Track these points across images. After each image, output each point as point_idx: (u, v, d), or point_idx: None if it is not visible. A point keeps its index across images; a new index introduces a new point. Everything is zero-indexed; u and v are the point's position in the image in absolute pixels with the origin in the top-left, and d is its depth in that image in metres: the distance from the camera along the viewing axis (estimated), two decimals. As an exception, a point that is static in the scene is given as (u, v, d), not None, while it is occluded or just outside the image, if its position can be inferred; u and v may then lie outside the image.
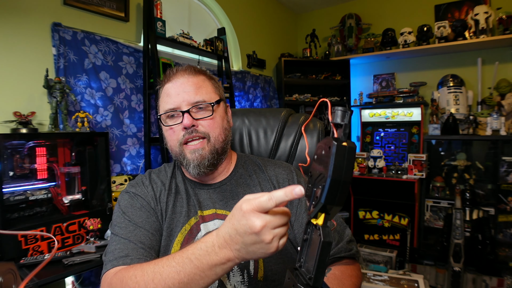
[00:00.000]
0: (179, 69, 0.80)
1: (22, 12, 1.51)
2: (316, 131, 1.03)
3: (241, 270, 0.72)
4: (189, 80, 0.78)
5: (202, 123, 0.76)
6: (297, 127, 1.05)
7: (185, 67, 0.81)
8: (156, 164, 2.16)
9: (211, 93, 0.80)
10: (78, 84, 1.71)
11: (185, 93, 0.76)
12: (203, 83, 0.80)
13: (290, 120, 1.08)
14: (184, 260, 0.52)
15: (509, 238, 2.45)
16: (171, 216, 0.77)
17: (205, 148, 0.76)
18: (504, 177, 2.50)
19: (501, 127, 2.49)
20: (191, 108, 0.75)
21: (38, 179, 1.40)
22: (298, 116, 1.10)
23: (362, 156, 2.98)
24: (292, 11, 3.87)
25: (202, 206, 0.79)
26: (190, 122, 0.74)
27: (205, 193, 0.82)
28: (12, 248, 1.23)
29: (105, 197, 1.62)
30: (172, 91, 0.77)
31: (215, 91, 0.81)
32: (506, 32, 2.56)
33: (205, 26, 2.74)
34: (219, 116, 0.79)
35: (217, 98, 0.80)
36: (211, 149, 0.76)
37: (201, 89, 0.78)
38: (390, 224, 2.77)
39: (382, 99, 3.22)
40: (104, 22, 1.86)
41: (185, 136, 0.75)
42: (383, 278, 2.09)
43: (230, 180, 0.83)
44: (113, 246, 0.70)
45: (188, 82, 0.78)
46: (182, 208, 0.79)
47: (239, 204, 0.48)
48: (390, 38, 3.08)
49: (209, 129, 0.77)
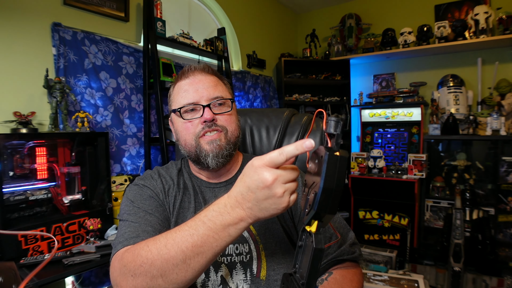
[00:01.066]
0: (196, 67, 0.83)
1: (22, 12, 1.51)
2: (319, 131, 1.03)
3: (244, 268, 0.73)
4: (206, 77, 0.81)
5: (220, 117, 0.78)
6: (299, 128, 1.05)
7: (202, 65, 0.84)
8: (156, 164, 2.16)
9: (226, 91, 0.83)
10: (78, 84, 1.71)
11: (204, 89, 0.78)
12: (219, 82, 0.83)
13: (293, 120, 1.08)
14: (197, 223, 0.53)
15: (509, 238, 2.45)
16: (179, 211, 0.79)
17: (222, 139, 0.77)
18: (504, 177, 2.50)
19: (501, 127, 2.49)
20: (211, 103, 0.78)
21: (38, 179, 1.40)
22: (301, 116, 1.09)
23: (362, 156, 2.98)
24: (292, 11, 3.87)
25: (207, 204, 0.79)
26: (211, 116, 0.76)
27: (211, 192, 0.83)
28: (12, 248, 1.23)
29: (105, 197, 1.62)
30: (190, 87, 0.79)
31: (229, 91, 0.85)
32: (506, 32, 2.56)
33: (205, 26, 2.74)
34: (235, 112, 0.83)
35: (231, 96, 0.84)
36: (227, 141, 0.78)
37: (218, 86, 0.81)
38: (390, 224, 2.77)
39: (382, 99, 3.22)
40: (104, 22, 1.86)
41: (204, 129, 0.77)
42: (383, 278, 2.09)
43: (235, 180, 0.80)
44: (122, 230, 0.69)
45: (206, 79, 0.81)
46: (190, 204, 0.80)
47: (250, 162, 0.49)
48: (390, 38, 3.08)
49: (227, 123, 0.79)
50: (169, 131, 2.05)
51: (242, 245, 0.75)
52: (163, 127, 1.95)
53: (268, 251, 0.74)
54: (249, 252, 0.74)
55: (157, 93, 1.92)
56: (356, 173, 2.96)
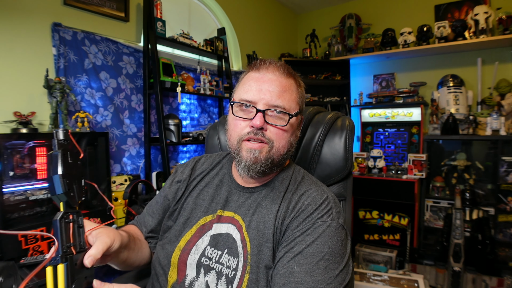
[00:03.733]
0: (272, 63, 0.74)
1: (22, 12, 1.51)
2: (344, 130, 0.93)
3: (226, 283, 0.68)
4: (278, 79, 0.72)
5: (271, 129, 0.71)
6: (322, 126, 0.94)
7: (280, 63, 0.74)
8: (156, 164, 2.16)
9: (293, 101, 0.73)
10: (78, 84, 1.72)
11: (268, 91, 0.70)
12: (290, 89, 0.73)
13: (316, 119, 0.98)
14: None
15: (509, 238, 2.45)
16: (192, 206, 0.80)
17: (263, 152, 0.70)
18: (504, 177, 2.50)
19: (501, 127, 2.50)
20: (267, 109, 0.70)
21: (38, 179, 1.40)
22: (326, 114, 0.98)
23: (362, 156, 2.98)
24: (292, 11, 3.87)
25: (227, 206, 0.77)
26: (261, 123, 0.69)
27: (236, 194, 0.78)
28: (12, 248, 1.23)
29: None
30: (255, 84, 0.72)
31: (298, 101, 0.75)
32: (506, 32, 2.56)
33: (205, 26, 2.74)
34: (291, 128, 0.73)
35: (297, 109, 0.74)
36: (268, 157, 0.71)
37: (285, 94, 0.72)
38: (390, 224, 2.77)
39: (382, 99, 3.22)
40: (104, 22, 1.86)
41: (249, 135, 0.70)
42: (383, 278, 2.09)
43: (262, 189, 0.77)
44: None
45: (276, 81, 0.72)
46: (204, 202, 0.80)
47: None
48: (390, 38, 3.08)
49: (276, 137, 0.71)
50: (169, 131, 2.06)
51: (233, 258, 0.70)
52: (163, 127, 1.95)
53: (252, 275, 0.66)
54: (236, 268, 0.68)
55: (157, 93, 1.92)
56: (356, 173, 2.96)
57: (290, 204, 0.71)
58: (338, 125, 0.94)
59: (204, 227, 0.76)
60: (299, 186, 0.75)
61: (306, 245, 0.63)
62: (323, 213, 0.68)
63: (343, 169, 0.91)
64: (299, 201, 0.71)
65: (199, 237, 0.75)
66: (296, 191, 0.74)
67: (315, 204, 0.69)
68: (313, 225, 0.66)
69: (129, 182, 1.79)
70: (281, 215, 0.70)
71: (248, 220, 0.72)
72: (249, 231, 0.70)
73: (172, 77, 2.05)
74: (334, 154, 0.92)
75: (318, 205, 0.69)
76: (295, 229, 0.67)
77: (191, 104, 2.48)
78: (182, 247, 0.75)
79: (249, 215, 0.73)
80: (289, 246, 0.65)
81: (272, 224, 0.69)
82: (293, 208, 0.70)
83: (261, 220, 0.71)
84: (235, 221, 0.74)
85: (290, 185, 0.76)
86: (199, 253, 0.73)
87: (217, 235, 0.74)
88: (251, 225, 0.71)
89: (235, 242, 0.71)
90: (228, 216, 0.76)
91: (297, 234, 0.66)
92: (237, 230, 0.72)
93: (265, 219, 0.71)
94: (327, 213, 0.68)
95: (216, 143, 1.11)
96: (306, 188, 0.74)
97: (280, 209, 0.71)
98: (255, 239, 0.69)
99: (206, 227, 0.76)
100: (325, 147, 0.93)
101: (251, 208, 0.74)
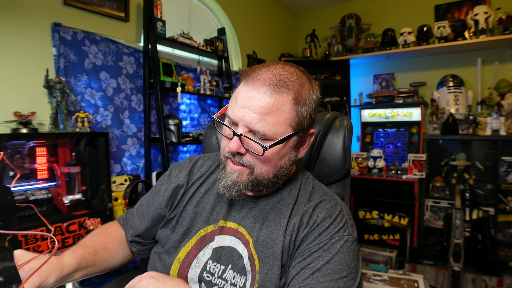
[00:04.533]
0: (264, 74, 0.62)
1: (22, 12, 1.51)
2: (343, 130, 0.92)
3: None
4: (263, 98, 0.60)
5: (250, 154, 0.64)
6: (320, 126, 0.93)
7: (270, 76, 0.62)
8: (156, 164, 2.16)
9: (281, 125, 0.61)
10: (78, 84, 1.72)
11: (249, 113, 0.60)
12: (278, 109, 0.61)
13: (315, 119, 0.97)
14: None
15: (509, 238, 2.45)
16: (192, 216, 0.75)
17: (243, 175, 0.65)
18: (503, 177, 2.50)
19: (500, 127, 2.50)
20: (243, 135, 0.62)
21: (38, 179, 1.40)
22: (325, 113, 0.97)
23: (362, 156, 2.98)
24: (292, 11, 3.87)
25: (229, 216, 0.73)
26: (236, 148, 0.62)
27: (239, 204, 0.73)
28: (12, 248, 1.23)
29: (105, 197, 1.63)
30: (240, 99, 0.62)
31: (291, 122, 0.63)
32: (506, 32, 2.56)
33: (205, 26, 2.74)
34: (274, 154, 0.64)
35: (287, 132, 0.62)
36: (250, 179, 0.65)
37: (269, 117, 0.60)
38: (390, 224, 2.77)
39: (382, 99, 3.22)
40: (104, 22, 1.86)
41: (230, 155, 0.65)
42: (383, 278, 2.10)
43: (268, 200, 0.72)
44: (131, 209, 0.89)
45: (261, 100, 0.60)
46: (205, 211, 0.75)
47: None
48: (390, 38, 3.08)
49: (257, 163, 0.64)
50: (169, 131, 2.06)
51: (240, 276, 0.66)
52: (163, 127, 1.95)
53: None
54: (243, 287, 0.65)
55: (157, 93, 1.92)
56: (356, 173, 2.96)
57: (304, 217, 0.68)
58: (336, 125, 0.95)
59: (205, 238, 0.72)
60: (311, 197, 0.71)
61: (324, 262, 0.61)
62: (340, 227, 0.66)
63: (342, 168, 0.92)
64: (313, 213, 0.68)
65: (199, 249, 0.71)
66: (308, 202, 0.70)
67: (330, 217, 0.67)
68: (330, 240, 0.64)
69: (129, 182, 1.79)
70: (294, 229, 0.67)
71: (256, 236, 0.68)
72: (257, 248, 0.67)
73: (172, 77, 2.05)
74: (333, 153, 0.92)
75: (334, 218, 0.67)
76: (311, 243, 0.64)
77: (191, 104, 2.48)
78: (182, 259, 0.71)
79: (256, 230, 0.69)
80: (306, 261, 0.63)
81: (281, 240, 0.66)
82: (308, 221, 0.67)
83: (270, 236, 0.67)
84: (240, 234, 0.70)
85: (300, 196, 0.72)
86: (200, 267, 0.69)
87: (220, 248, 0.70)
88: (259, 241, 0.67)
89: (241, 258, 0.67)
90: (231, 228, 0.72)
91: (314, 249, 0.63)
92: (244, 245, 0.68)
93: (274, 235, 0.67)
94: (343, 227, 0.66)
95: (214, 143, 1.10)
96: (319, 199, 0.71)
97: (291, 223, 0.68)
98: (264, 257, 0.66)
99: (207, 238, 0.72)
100: (324, 147, 0.94)
101: (258, 221, 0.70)
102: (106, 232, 0.83)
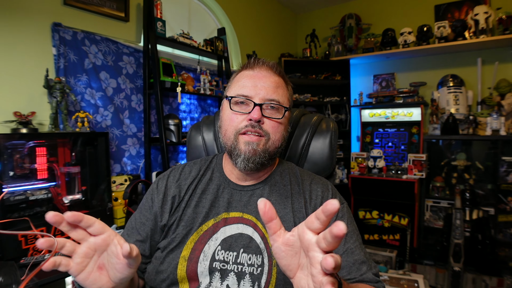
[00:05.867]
0: (264, 62, 0.78)
1: (22, 12, 1.51)
2: (329, 132, 1.00)
3: (252, 281, 0.69)
4: (271, 76, 0.77)
5: (267, 122, 0.74)
6: (308, 128, 1.02)
7: (271, 62, 0.79)
8: (156, 164, 2.16)
9: (285, 97, 0.78)
10: (78, 84, 1.72)
11: (263, 87, 0.74)
12: (282, 85, 0.78)
13: (302, 120, 1.05)
14: None
15: (509, 238, 2.45)
16: (192, 216, 0.76)
17: (260, 144, 0.73)
18: (504, 177, 2.50)
19: (501, 127, 2.50)
20: (264, 104, 0.74)
21: (38, 179, 1.40)
22: (311, 116, 1.06)
23: (362, 156, 2.98)
24: (292, 11, 3.87)
25: (231, 207, 0.77)
26: (258, 116, 0.72)
27: (237, 194, 0.79)
28: (12, 248, 1.23)
29: (105, 197, 1.63)
30: (250, 80, 0.76)
31: (289, 98, 0.80)
32: (506, 32, 2.56)
33: (205, 26, 2.74)
34: (285, 121, 0.78)
35: (288, 104, 0.78)
36: (265, 149, 0.74)
37: (279, 90, 0.76)
38: (390, 224, 2.77)
39: (382, 99, 3.22)
40: (104, 22, 1.86)
41: (247, 128, 0.73)
42: (383, 278, 2.09)
43: (264, 185, 0.80)
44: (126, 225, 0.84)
45: (270, 78, 0.76)
46: (204, 209, 0.77)
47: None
48: (390, 38, 3.08)
49: (272, 130, 0.75)
50: (169, 131, 2.06)
51: (256, 256, 0.71)
52: (163, 127, 1.95)
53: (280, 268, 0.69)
54: (261, 265, 0.69)
55: (157, 93, 1.92)
56: (356, 173, 2.96)
57: (306, 195, 0.77)
58: (323, 127, 1.03)
59: (208, 232, 0.74)
60: (303, 178, 0.81)
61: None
62: (337, 196, 0.79)
63: (329, 167, 1.01)
64: (312, 190, 0.78)
65: (204, 243, 0.73)
66: (302, 182, 0.80)
67: (327, 190, 0.79)
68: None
69: (129, 182, 1.79)
70: (301, 206, 0.75)
71: None
72: None
73: (172, 77, 2.05)
74: (320, 153, 1.01)
75: (330, 190, 0.79)
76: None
77: (191, 104, 2.48)
78: (187, 256, 0.72)
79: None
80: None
81: (291, 217, 0.73)
82: (310, 196, 0.77)
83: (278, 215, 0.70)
84: (246, 220, 0.74)
85: (292, 178, 0.81)
86: (208, 259, 0.71)
87: (228, 238, 0.73)
88: None
89: (253, 240, 0.71)
90: (236, 217, 0.75)
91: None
92: (252, 228, 0.73)
93: (282, 213, 0.74)
94: (338, 196, 0.80)
95: (199, 144, 1.08)
96: (309, 177, 0.82)
97: (294, 201, 0.76)
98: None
99: (209, 231, 0.74)
100: (312, 147, 1.02)
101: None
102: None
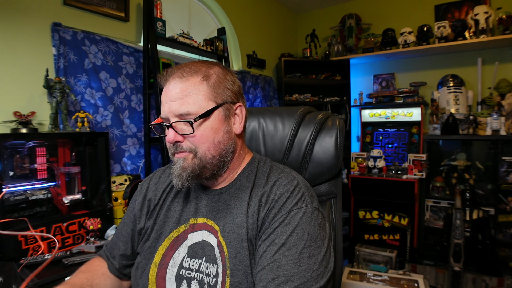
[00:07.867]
0: (171, 71, 0.70)
1: (22, 12, 1.51)
2: (335, 129, 0.94)
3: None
4: (176, 86, 0.68)
5: (188, 137, 0.68)
6: (313, 126, 0.94)
7: (177, 68, 0.70)
8: (156, 164, 2.16)
9: (200, 101, 0.67)
10: (78, 84, 1.72)
11: (171, 102, 0.67)
12: (193, 89, 0.67)
13: (307, 119, 0.99)
14: None
15: (509, 238, 2.45)
16: (163, 220, 0.77)
17: (188, 159, 0.69)
18: (504, 177, 2.50)
19: (501, 127, 2.49)
20: (173, 122, 0.67)
21: (38, 179, 1.40)
22: (316, 114, 0.99)
23: (362, 156, 2.98)
24: (292, 11, 3.87)
25: (198, 212, 0.76)
26: (173, 138, 0.67)
27: (205, 199, 0.76)
28: (12, 248, 1.23)
29: (105, 197, 1.62)
30: (163, 98, 0.70)
31: (209, 96, 0.68)
32: (506, 32, 2.56)
33: (205, 26, 2.74)
34: (206, 129, 0.68)
35: (209, 106, 0.68)
36: (197, 163, 0.69)
37: (188, 98, 0.67)
38: (390, 224, 2.77)
39: (382, 99, 3.22)
40: (104, 22, 1.86)
41: (172, 150, 0.70)
42: (383, 278, 2.09)
43: (229, 189, 0.75)
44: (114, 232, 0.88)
45: (175, 88, 0.67)
46: (175, 213, 0.77)
47: None
48: (390, 38, 3.08)
49: (196, 143, 0.68)
50: (169, 131, 2.05)
51: (211, 265, 0.68)
52: (163, 127, 1.95)
53: (233, 279, 0.64)
54: (216, 275, 0.67)
55: (157, 93, 1.92)
56: (356, 173, 2.96)
57: (263, 197, 0.70)
58: (329, 124, 0.96)
59: (179, 239, 0.73)
60: (269, 178, 0.74)
61: (287, 236, 0.63)
62: (297, 199, 0.68)
63: (335, 167, 0.93)
64: (271, 192, 0.70)
65: (174, 250, 0.72)
66: (266, 183, 0.73)
67: (287, 192, 0.69)
68: (289, 213, 0.66)
69: (129, 182, 1.79)
70: (255, 210, 0.69)
71: (222, 224, 0.70)
72: (224, 235, 0.69)
73: (172, 77, 2.04)
74: (325, 152, 0.93)
75: (291, 192, 0.69)
76: (272, 220, 0.66)
77: (191, 104, 2.48)
78: (158, 262, 0.72)
79: (222, 219, 0.71)
80: (270, 238, 0.64)
81: (245, 223, 0.68)
82: (266, 200, 0.69)
83: (234, 221, 0.69)
84: (209, 226, 0.72)
85: (258, 179, 0.74)
86: (176, 266, 0.70)
87: (194, 245, 0.72)
88: (225, 228, 0.69)
89: (212, 248, 0.70)
90: (201, 223, 0.74)
91: (276, 225, 0.65)
92: (213, 235, 0.70)
93: (237, 219, 0.69)
94: (300, 199, 0.68)
95: None
96: (276, 177, 0.73)
97: (251, 205, 0.70)
98: (230, 242, 0.67)
99: (180, 238, 0.73)
100: (316, 146, 0.95)
101: (222, 210, 0.73)
102: (90, 268, 0.82)
